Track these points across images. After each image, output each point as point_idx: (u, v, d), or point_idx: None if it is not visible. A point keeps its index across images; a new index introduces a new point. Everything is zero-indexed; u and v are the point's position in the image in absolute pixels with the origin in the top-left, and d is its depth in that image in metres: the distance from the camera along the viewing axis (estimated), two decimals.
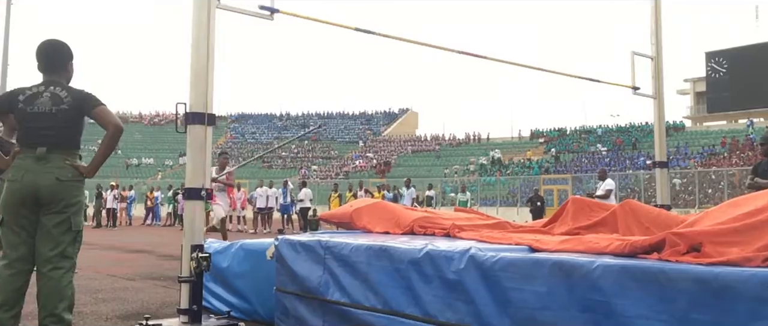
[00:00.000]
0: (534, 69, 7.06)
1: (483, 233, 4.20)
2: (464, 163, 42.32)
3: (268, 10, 4.64)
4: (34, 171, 3.51)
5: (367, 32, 5.47)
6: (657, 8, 7.87)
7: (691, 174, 29.29)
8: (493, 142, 47.26)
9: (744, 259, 2.53)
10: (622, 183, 30.10)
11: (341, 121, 56.43)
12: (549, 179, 33.16)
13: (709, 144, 36.38)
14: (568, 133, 44.65)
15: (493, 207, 30.27)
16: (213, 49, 4.40)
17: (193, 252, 4.13)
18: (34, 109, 3.60)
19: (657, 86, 7.85)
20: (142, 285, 7.02)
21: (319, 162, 47.84)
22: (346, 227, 5.41)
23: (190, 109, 4.30)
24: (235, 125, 56.95)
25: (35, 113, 3.59)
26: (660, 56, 7.85)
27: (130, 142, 51.82)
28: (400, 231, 4.75)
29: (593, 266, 2.82)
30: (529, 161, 40.01)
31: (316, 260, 4.17)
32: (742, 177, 24.08)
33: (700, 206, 25.00)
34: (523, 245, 3.48)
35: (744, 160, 30.05)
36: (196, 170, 4.28)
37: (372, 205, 5.48)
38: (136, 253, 11.60)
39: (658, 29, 7.88)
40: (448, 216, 5.17)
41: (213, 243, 5.32)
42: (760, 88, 41.39)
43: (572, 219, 4.40)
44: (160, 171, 45.82)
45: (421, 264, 3.52)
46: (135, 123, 57.29)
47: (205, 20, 4.35)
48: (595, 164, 33.68)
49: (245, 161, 33.14)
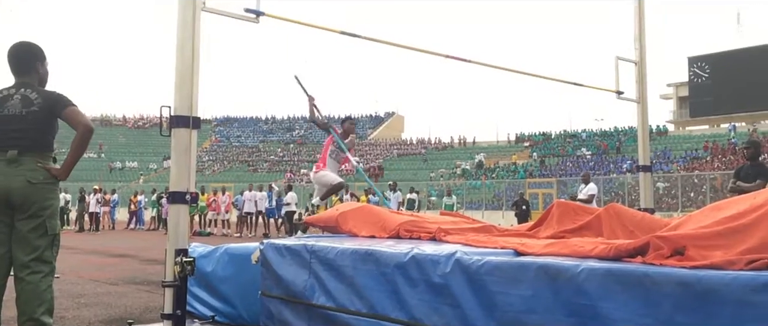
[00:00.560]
0: (519, 73, 7.08)
1: (469, 237, 4.21)
2: (450, 167, 42.41)
3: (253, 12, 4.62)
4: (5, 174, 3.47)
5: (353, 35, 5.47)
6: (640, 13, 7.94)
7: (675, 178, 29.58)
8: (479, 145, 47.43)
9: (727, 263, 2.55)
10: (607, 187, 30.34)
11: None
12: (534, 183, 33.33)
13: (691, 148, 36.76)
14: (553, 137, 44.90)
15: (479, 211, 30.37)
16: (198, 52, 4.37)
17: (177, 257, 4.09)
18: (4, 111, 3.57)
19: (640, 91, 7.91)
20: (126, 289, 6.95)
21: (305, 165, 47.72)
22: (331, 231, 5.39)
23: (175, 112, 4.27)
24: (220, 128, 56.67)
25: (5, 116, 3.56)
26: (643, 61, 7.91)
27: (114, 145, 51.40)
28: (385, 235, 4.75)
29: (578, 269, 2.83)
30: (514, 165, 40.18)
31: (302, 264, 4.15)
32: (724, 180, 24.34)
33: (683, 209, 25.25)
34: (509, 249, 3.49)
35: (726, 164, 30.40)
36: (180, 173, 4.24)
37: (357, 209, 5.47)
38: (120, 258, 11.50)
39: (642, 34, 7.94)
40: (433, 220, 5.17)
41: (197, 247, 5.28)
42: (741, 92, 41.88)
43: (557, 223, 4.42)
44: (142, 175, 45.44)
45: (406, 268, 3.51)
46: (119, 126, 56.84)
47: (190, 23, 4.33)
48: (580, 168, 33.93)
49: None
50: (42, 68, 3.84)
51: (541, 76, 7.29)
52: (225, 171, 47.24)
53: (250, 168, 47.82)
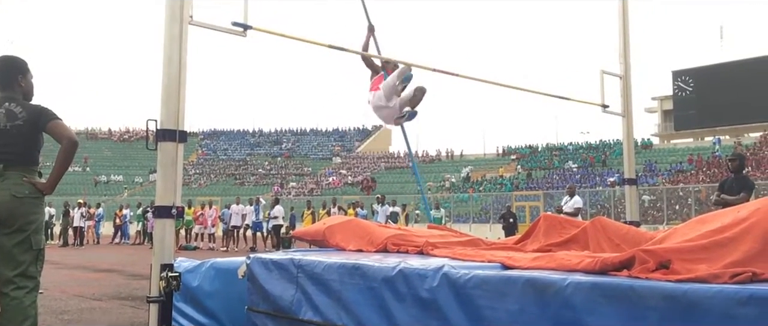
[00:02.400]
0: (506, 87, 7.12)
1: (456, 250, 4.21)
2: (438, 180, 42.45)
3: (240, 26, 4.61)
4: None
5: (341, 49, 5.48)
6: (625, 27, 8.02)
7: (660, 190, 29.78)
8: (467, 158, 47.53)
9: (712, 276, 2.57)
10: (593, 200, 30.47)
11: (315, 137, 56.28)
12: (521, 196, 33.42)
13: (676, 161, 37.05)
14: (539, 150, 45.11)
15: (466, 224, 30.37)
16: (185, 66, 4.36)
17: (162, 272, 4.06)
18: None
19: (625, 104, 7.98)
20: (110, 305, 6.88)
21: (292, 178, 47.57)
22: (319, 245, 5.38)
23: (161, 126, 4.25)
24: (206, 142, 56.41)
25: None
26: (628, 75, 7.99)
27: (99, 159, 50.96)
28: (373, 249, 4.74)
29: (565, 283, 2.84)
30: (501, 178, 40.29)
31: (289, 279, 4.13)
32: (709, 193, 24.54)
33: (668, 222, 25.40)
34: (496, 262, 3.49)
35: (710, 177, 30.65)
36: (166, 187, 4.21)
37: (345, 223, 5.46)
38: (104, 272, 11.38)
39: (627, 48, 8.03)
40: (421, 234, 5.18)
41: (183, 262, 5.24)
42: (725, 106, 42.38)
43: (544, 236, 4.44)
44: (126, 189, 45.06)
45: (394, 282, 3.51)
46: (104, 139, 56.38)
47: (177, 36, 4.32)
48: (567, 181, 34.01)
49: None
50: (24, 81, 3.81)
51: (527, 89, 7.33)
52: (211, 184, 46.97)
53: (236, 181, 47.57)
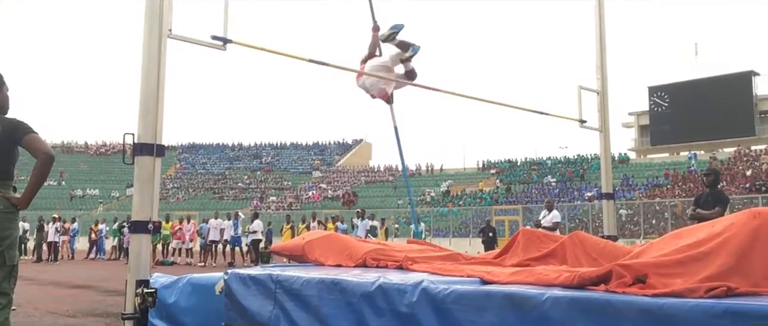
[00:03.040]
0: (485, 102, 7.18)
1: (435, 265, 4.21)
2: (418, 194, 42.52)
3: (220, 40, 4.60)
4: None
5: (321, 63, 5.49)
6: (602, 44, 8.14)
7: (637, 205, 30.09)
8: (446, 172, 47.68)
9: (687, 290, 2.60)
10: (571, 214, 30.70)
11: (294, 151, 56.12)
12: (500, 210, 33.56)
13: (653, 175, 37.50)
14: (518, 164, 45.42)
15: (446, 238, 30.41)
16: (163, 79, 4.33)
17: (138, 288, 4.00)
18: None
19: (603, 119, 8.08)
20: (84, 322, 6.76)
21: (272, 193, 47.32)
22: (298, 260, 5.34)
23: (139, 140, 4.21)
24: (185, 155, 55.96)
25: None
26: (605, 90, 8.09)
27: (75, 173, 50.27)
28: (352, 264, 4.72)
29: (543, 298, 2.86)
30: (481, 192, 40.47)
31: (267, 294, 4.09)
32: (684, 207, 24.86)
33: (645, 236, 25.65)
34: (475, 277, 3.50)
35: (686, 191, 31.05)
36: (143, 202, 4.17)
37: (324, 237, 5.44)
38: (78, 289, 11.19)
39: (603, 64, 8.14)
40: (400, 248, 5.17)
41: (159, 277, 5.17)
42: (700, 121, 43.13)
43: (523, 251, 4.46)
44: (102, 203, 44.45)
45: (373, 297, 3.49)
46: (80, 153, 55.66)
47: (156, 50, 4.30)
48: (546, 195, 34.24)
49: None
50: (1, 94, 3.76)
51: (507, 104, 7.40)
52: (190, 198, 46.54)
53: (215, 195, 47.21)
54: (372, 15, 6.73)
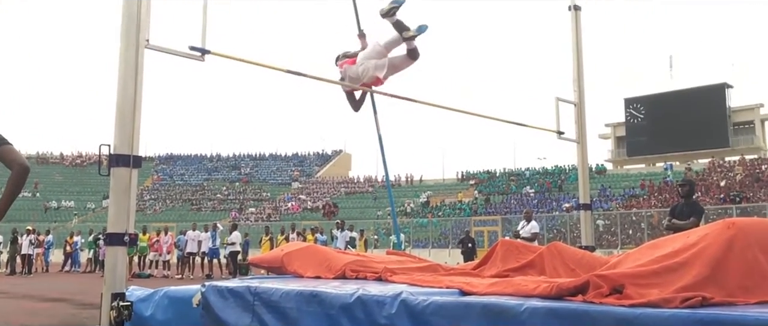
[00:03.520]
0: (464, 113, 7.22)
1: (414, 276, 4.21)
2: (397, 205, 42.53)
3: (198, 51, 4.58)
4: None
5: (298, 74, 5.49)
6: (578, 56, 8.25)
7: (614, 215, 30.40)
8: (426, 183, 47.78)
9: (663, 300, 2.63)
10: (550, 225, 30.91)
11: (273, 162, 55.87)
12: (479, 221, 33.68)
13: (629, 186, 37.93)
14: (497, 175, 45.67)
15: (426, 249, 30.43)
16: (141, 89, 4.30)
17: (113, 301, 3.95)
18: None
19: (580, 131, 8.16)
20: None
21: (251, 204, 47.00)
22: (276, 272, 5.31)
23: (115, 151, 4.17)
24: (162, 166, 55.41)
25: None
26: (582, 102, 8.19)
27: (50, 184, 49.52)
28: (331, 276, 4.70)
29: (521, 309, 2.87)
30: (460, 203, 40.59)
31: (245, 307, 4.05)
32: (660, 218, 25.16)
33: (622, 247, 25.90)
34: (454, 288, 3.50)
35: (662, 202, 31.45)
36: (119, 214, 4.12)
37: (303, 249, 5.41)
38: (53, 302, 11.00)
39: (580, 76, 8.24)
40: (380, 260, 5.16)
41: (135, 290, 5.10)
42: (675, 133, 43.79)
43: (501, 262, 4.48)
44: (77, 215, 43.79)
45: (352, 309, 3.48)
46: (56, 164, 54.88)
47: (133, 60, 4.27)
48: (524, 206, 34.49)
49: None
50: None
51: (486, 116, 7.45)
52: (167, 210, 46.06)
53: (193, 207, 46.78)
54: (357, 22, 6.63)
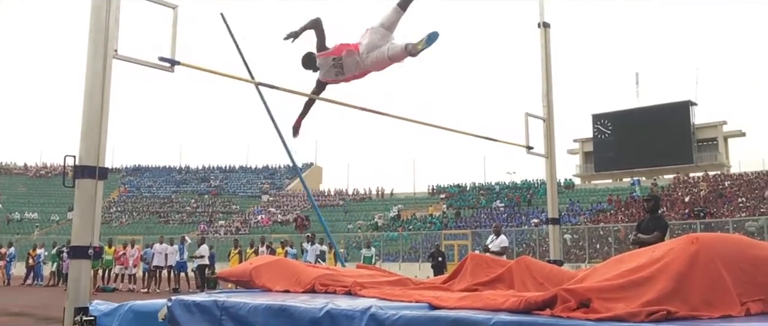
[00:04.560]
0: (435, 127, 7.26)
1: (384, 290, 4.21)
2: (368, 219, 42.45)
3: (168, 62, 4.54)
4: None
5: (269, 87, 5.47)
6: (547, 72, 8.37)
7: (582, 230, 30.77)
8: (397, 197, 47.82)
9: (629, 314, 2.66)
10: (519, 239, 31.17)
11: (243, 174, 55.40)
12: (450, 235, 33.79)
13: (597, 201, 38.47)
14: (467, 189, 45.94)
15: (396, 263, 30.40)
16: (108, 100, 4.24)
17: (76, 315, 3.87)
18: None
19: (548, 146, 8.26)
20: None
21: (220, 217, 46.47)
22: (245, 285, 5.25)
23: (80, 162, 4.10)
24: (129, 178, 54.55)
25: None
26: (551, 117, 8.30)
27: (13, 196, 48.39)
28: (300, 289, 4.67)
29: (490, 322, 2.88)
30: (430, 216, 40.70)
31: (212, 321, 4.00)
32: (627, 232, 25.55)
33: (590, 261, 26.21)
34: (424, 302, 3.50)
35: (629, 217, 31.95)
36: (83, 226, 4.05)
37: (272, 262, 5.37)
38: (15, 316, 10.73)
39: (549, 92, 8.36)
40: (349, 273, 5.14)
41: (99, 304, 4.99)
42: (641, 148, 44.60)
43: (471, 276, 4.50)
44: (39, 228, 42.78)
45: (321, 323, 3.46)
46: (19, 175, 53.67)
47: (101, 70, 4.21)
48: (494, 220, 34.70)
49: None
50: None
51: (456, 130, 7.49)
52: (134, 222, 45.28)
53: (161, 219, 46.06)
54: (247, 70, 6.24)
